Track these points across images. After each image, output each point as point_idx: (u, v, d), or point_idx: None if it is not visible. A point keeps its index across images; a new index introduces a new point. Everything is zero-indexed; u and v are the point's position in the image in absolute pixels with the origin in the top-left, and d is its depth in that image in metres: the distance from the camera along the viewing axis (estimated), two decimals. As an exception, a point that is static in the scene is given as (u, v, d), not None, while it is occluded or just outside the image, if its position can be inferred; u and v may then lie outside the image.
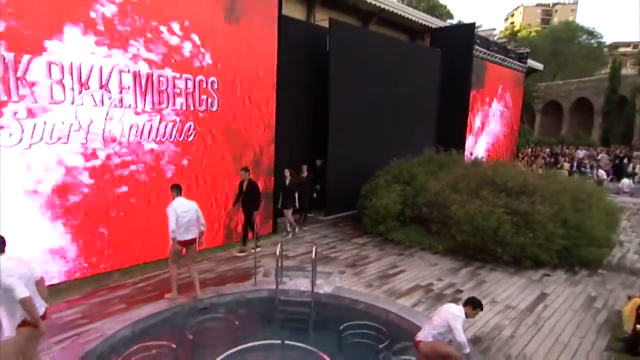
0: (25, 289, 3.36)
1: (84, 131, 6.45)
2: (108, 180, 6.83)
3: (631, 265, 8.80)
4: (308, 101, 11.54)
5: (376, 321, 5.94)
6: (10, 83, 5.66)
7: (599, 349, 5.31)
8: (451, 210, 8.93)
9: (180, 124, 7.74)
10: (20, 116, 5.78)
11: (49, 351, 4.64)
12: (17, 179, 5.84)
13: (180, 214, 5.98)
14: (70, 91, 6.23)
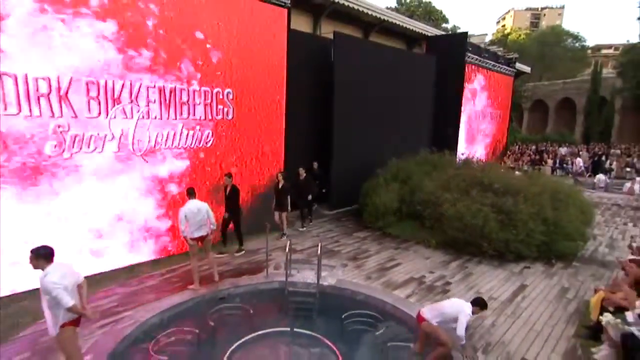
0: (69, 298, 3.65)
1: (117, 141, 6.74)
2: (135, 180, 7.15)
3: (602, 258, 8.96)
4: (314, 107, 11.67)
5: (374, 310, 6.17)
6: (55, 100, 5.95)
7: (568, 336, 5.55)
8: (443, 208, 9.10)
9: (199, 132, 8.01)
10: (63, 130, 6.07)
11: (91, 335, 4.96)
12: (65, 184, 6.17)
13: (192, 215, 6.28)
14: (105, 106, 6.52)
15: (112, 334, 5.14)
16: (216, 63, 8.01)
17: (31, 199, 5.89)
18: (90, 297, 5.36)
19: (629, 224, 12.04)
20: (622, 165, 20.50)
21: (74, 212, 6.37)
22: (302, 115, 10.92)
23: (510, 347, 5.17)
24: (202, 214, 6.37)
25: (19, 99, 5.59)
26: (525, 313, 6.16)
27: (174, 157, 7.60)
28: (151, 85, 7.06)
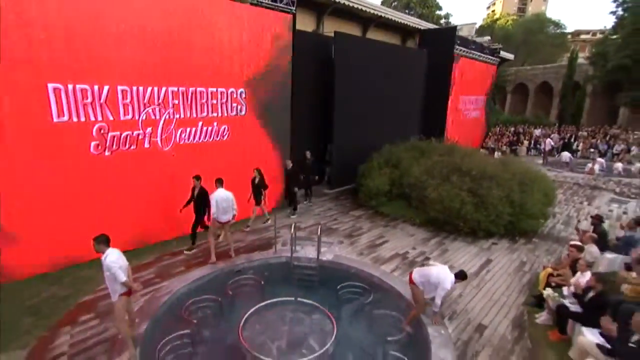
0: (123, 275, 4.21)
1: (147, 138, 7.06)
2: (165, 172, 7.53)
3: (557, 234, 9.30)
4: (317, 97, 11.82)
5: (364, 282, 6.62)
6: (97, 108, 6.24)
7: (518, 304, 6.04)
8: (427, 192, 9.41)
9: (217, 127, 8.28)
10: (103, 131, 6.39)
11: (136, 302, 5.47)
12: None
13: (221, 201, 6.71)
14: (137, 109, 6.80)
15: (152, 301, 5.68)
16: (230, 67, 8.15)
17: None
18: (133, 270, 5.89)
19: (585, 202, 12.22)
20: (587, 146, 20.52)
21: (119, 199, 6.83)
22: (306, 106, 11.11)
23: (471, 315, 5.67)
24: (229, 202, 6.78)
25: (69, 106, 5.90)
26: (488, 285, 6.63)
27: (196, 149, 7.93)
28: (175, 89, 7.28)
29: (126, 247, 6.11)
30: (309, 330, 5.35)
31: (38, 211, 5.97)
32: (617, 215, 10.69)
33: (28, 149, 5.69)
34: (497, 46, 20.51)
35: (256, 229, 8.78)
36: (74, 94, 5.93)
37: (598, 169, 16.22)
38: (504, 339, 5.13)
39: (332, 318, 5.40)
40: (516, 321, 5.57)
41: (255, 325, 5.36)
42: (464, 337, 5.12)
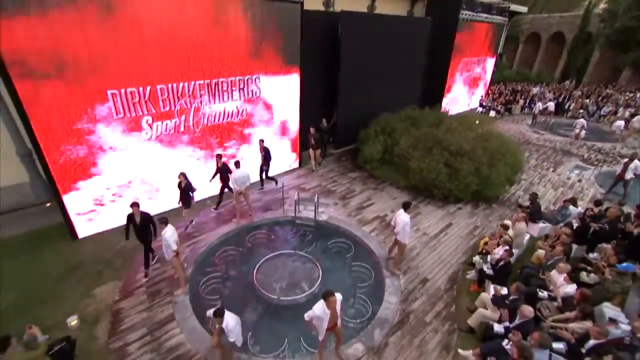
0: (175, 245, 5.75)
1: (182, 125, 8.22)
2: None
3: (514, 200, 10.12)
4: (325, 69, 12.23)
5: (348, 240, 8.07)
6: (143, 104, 7.36)
7: (459, 263, 7.37)
8: (410, 163, 10.35)
9: (237, 109, 9.27)
10: (149, 122, 7.59)
11: (183, 253, 7.11)
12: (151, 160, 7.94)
13: (239, 178, 7.97)
14: (173, 101, 7.87)
15: (194, 252, 7.36)
16: (245, 57, 8.85)
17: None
18: (179, 224, 7.54)
19: (551, 169, 12.52)
20: (578, 106, 20.10)
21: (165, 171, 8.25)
22: (316, 78, 11.71)
23: (420, 270, 7.11)
24: (245, 178, 8.06)
25: (123, 107, 7.06)
26: (442, 246, 7.94)
27: (221, 128, 9.07)
28: (201, 82, 8.20)
29: (173, 205, 7.73)
30: (303, 276, 6.94)
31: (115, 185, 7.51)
32: (572, 182, 11.46)
33: (102, 141, 7.04)
34: (505, 5, 19.34)
35: (270, 190, 10.12)
36: (126, 96, 7.04)
37: (584, 134, 15.96)
38: (439, 290, 6.62)
39: (319, 267, 6.98)
40: (452, 276, 7.00)
41: (265, 270, 7.02)
42: (410, 287, 6.64)
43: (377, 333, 5.60)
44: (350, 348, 5.29)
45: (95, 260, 6.84)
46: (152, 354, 5.08)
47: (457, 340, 5.56)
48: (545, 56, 33.81)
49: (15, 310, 5.60)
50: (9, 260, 6.69)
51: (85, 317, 5.59)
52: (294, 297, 6.29)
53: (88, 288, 6.18)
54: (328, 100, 12.84)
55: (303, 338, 5.62)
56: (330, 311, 4.36)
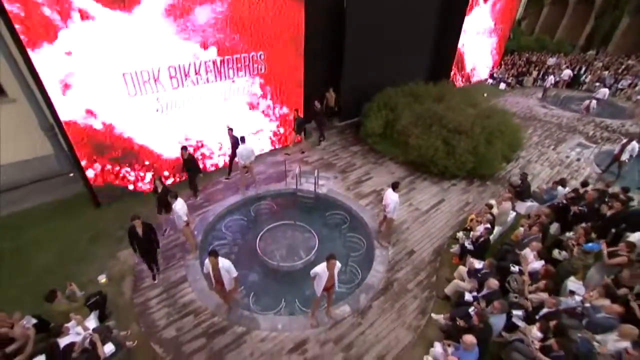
0: (185, 216, 6.49)
1: (190, 101, 8.73)
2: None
3: (509, 179, 10.26)
4: (331, 40, 12.11)
5: (345, 212, 8.77)
6: (152, 83, 7.86)
7: (446, 237, 8.02)
8: (410, 139, 10.72)
9: (242, 85, 9.66)
10: (160, 98, 8.14)
11: (193, 222, 7.95)
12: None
13: (244, 152, 8.56)
14: (181, 80, 8.33)
15: (204, 220, 8.17)
16: (249, 36, 9.08)
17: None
18: (188, 196, 8.32)
19: (552, 147, 12.61)
20: (594, 79, 19.56)
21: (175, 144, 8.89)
22: (319, 51, 11.61)
23: (408, 243, 7.82)
24: (249, 152, 8.64)
25: (134, 86, 7.58)
26: (431, 221, 8.57)
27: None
28: (207, 60, 8.57)
29: (182, 178, 8.48)
30: (301, 245, 7.74)
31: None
32: (570, 161, 11.72)
33: (121, 116, 7.67)
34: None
35: (275, 162, 10.69)
36: (137, 77, 7.53)
37: (594, 107, 15.66)
38: (423, 261, 7.36)
39: (317, 237, 7.74)
40: (437, 249, 7.70)
41: (267, 239, 7.83)
42: (397, 258, 7.38)
43: (362, 297, 6.43)
44: (338, 309, 6.15)
45: (117, 226, 7.71)
46: (169, 309, 6.03)
47: (433, 305, 6.36)
48: (570, 20, 31.95)
49: (55, 269, 6.57)
50: (43, 225, 7.63)
51: (112, 275, 6.54)
52: (292, 263, 7.11)
53: (112, 251, 7.11)
54: (333, 72, 12.94)
55: (298, 300, 6.50)
56: (329, 272, 5.14)
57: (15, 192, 8.60)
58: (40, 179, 9.06)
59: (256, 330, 5.73)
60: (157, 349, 5.39)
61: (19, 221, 7.75)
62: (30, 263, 6.72)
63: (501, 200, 7.98)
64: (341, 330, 5.82)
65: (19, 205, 8.19)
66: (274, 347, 5.49)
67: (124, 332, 5.39)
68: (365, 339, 5.71)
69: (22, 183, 8.83)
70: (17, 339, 4.49)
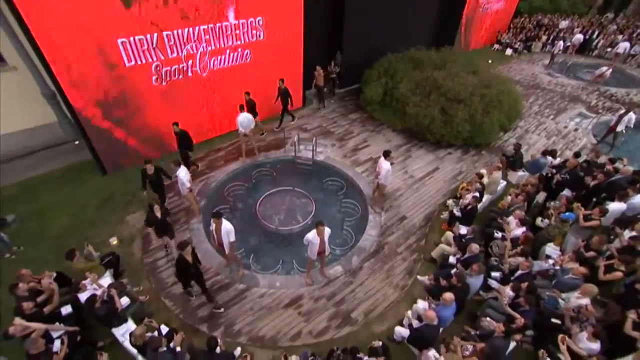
0: (188, 183, 6.87)
1: (189, 69, 8.82)
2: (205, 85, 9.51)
3: (504, 148, 10.51)
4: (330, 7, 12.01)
5: (342, 179, 9.14)
6: (152, 52, 7.93)
7: (437, 204, 8.42)
8: (408, 107, 10.82)
9: (241, 52, 9.66)
10: (158, 66, 8.24)
11: (196, 187, 8.37)
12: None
13: (243, 120, 8.78)
14: (179, 47, 8.37)
15: (206, 186, 8.59)
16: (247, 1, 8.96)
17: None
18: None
19: (551, 116, 12.58)
20: (607, 43, 18.94)
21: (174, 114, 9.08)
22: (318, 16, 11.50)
23: (401, 209, 8.25)
24: (249, 121, 8.85)
25: (133, 54, 7.68)
26: (424, 188, 8.93)
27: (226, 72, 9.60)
28: (205, 27, 8.54)
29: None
30: (299, 210, 8.20)
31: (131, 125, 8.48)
32: (568, 131, 11.83)
33: (115, 87, 7.82)
34: None
35: (273, 130, 10.89)
36: (135, 44, 7.60)
37: (607, 77, 15.16)
38: (414, 226, 7.83)
39: (314, 202, 8.18)
40: (429, 216, 8.14)
41: (266, 204, 8.28)
42: (388, 223, 7.85)
43: (354, 259, 6.97)
44: (331, 269, 6.71)
45: (124, 192, 8.16)
46: (177, 266, 6.60)
47: (420, 267, 6.91)
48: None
49: (71, 232, 7.11)
50: (55, 191, 8.09)
51: (122, 238, 7.07)
52: (290, 227, 7.60)
53: (121, 215, 7.60)
54: (334, 38, 12.76)
55: (295, 260, 7.06)
56: (320, 237, 5.59)
57: (29, 159, 8.98)
58: (49, 146, 9.40)
59: (256, 288, 6.33)
60: (167, 303, 6.02)
61: (35, 186, 8.21)
62: (49, 226, 7.25)
63: (491, 169, 8.27)
64: (334, 288, 6.41)
65: (35, 171, 8.61)
66: (272, 302, 6.11)
67: (136, 288, 5.99)
68: (355, 296, 6.31)
69: (32, 150, 9.18)
70: (44, 292, 5.07)
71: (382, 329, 5.85)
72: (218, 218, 5.60)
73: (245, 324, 5.79)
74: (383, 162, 7.43)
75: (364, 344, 5.40)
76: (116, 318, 5.06)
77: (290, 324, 5.83)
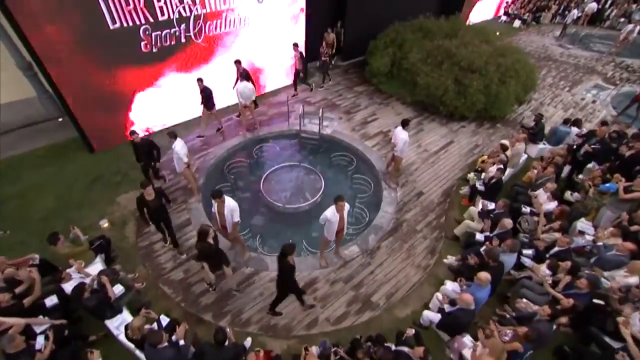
0: (185, 157, 6.13)
1: (182, 34, 7.90)
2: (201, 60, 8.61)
3: (521, 121, 9.99)
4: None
5: (351, 153, 8.44)
6: (139, 12, 7.00)
7: (455, 179, 7.79)
8: (419, 78, 10.01)
9: (239, 16, 8.70)
10: (147, 30, 7.32)
11: (194, 164, 7.59)
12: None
13: (244, 90, 7.97)
14: (170, 9, 7.42)
15: (204, 163, 7.83)
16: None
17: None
18: (188, 137, 7.91)
19: (566, 88, 11.97)
20: (620, 13, 18.05)
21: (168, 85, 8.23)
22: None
23: (417, 184, 7.60)
24: (250, 91, 8.03)
25: (118, 15, 6.75)
26: (440, 162, 8.28)
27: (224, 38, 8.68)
28: (199, -13, 7.59)
29: (181, 119, 7.99)
30: (307, 186, 7.51)
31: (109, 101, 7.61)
32: (585, 103, 11.17)
33: (99, 54, 6.91)
34: None
35: (275, 102, 10.10)
36: (120, 3, 6.66)
37: (633, 38, 14.39)
38: (432, 202, 7.20)
39: (322, 179, 7.49)
40: (447, 191, 7.51)
41: (271, 180, 7.57)
42: (405, 200, 7.21)
43: (371, 238, 6.35)
44: (347, 249, 6.09)
45: (114, 171, 7.38)
46: (175, 251, 5.93)
47: (442, 246, 6.31)
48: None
49: (55, 214, 6.35)
50: (37, 170, 7.28)
51: (114, 220, 6.35)
52: (298, 205, 6.93)
53: (112, 196, 6.84)
54: (337, 8, 11.77)
55: (305, 241, 6.42)
56: (339, 214, 4.92)
57: (9, 136, 8.11)
58: (31, 123, 8.50)
59: (264, 272, 5.70)
60: (166, 290, 5.37)
61: (16, 166, 7.38)
62: (32, 208, 6.49)
63: (514, 140, 7.60)
64: (350, 270, 5.80)
65: (15, 149, 7.76)
66: (284, 287, 5.48)
67: (131, 275, 5.32)
68: (374, 278, 5.71)
69: (11, 127, 8.30)
70: (24, 281, 4.38)
71: (407, 313, 5.28)
72: (220, 197, 4.91)
73: (255, 312, 5.18)
74: (400, 131, 6.72)
75: (388, 330, 4.86)
76: (109, 308, 4.41)
77: (305, 310, 5.23)
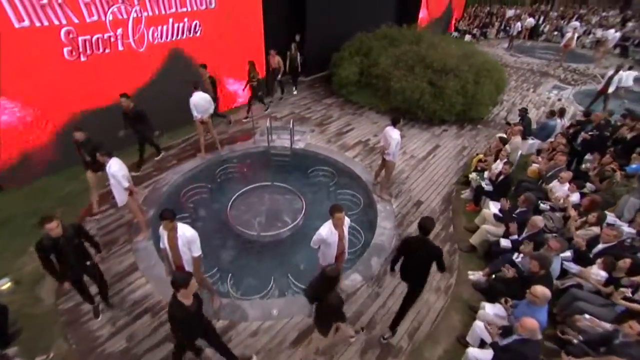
0: (126, 181, 4.59)
1: (120, 40, 6.51)
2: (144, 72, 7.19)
3: (498, 121, 9.67)
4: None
5: (330, 167, 7.27)
6: (57, 10, 5.56)
7: (451, 183, 6.88)
8: (392, 83, 9.31)
9: (188, 23, 7.54)
10: (71, 33, 5.85)
11: (142, 194, 5.99)
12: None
13: (198, 101, 6.64)
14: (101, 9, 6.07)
15: (155, 192, 6.22)
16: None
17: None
18: (131, 165, 6.27)
19: (531, 89, 12.18)
20: (552, 28, 19.44)
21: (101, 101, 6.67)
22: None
23: (413, 193, 6.53)
24: (206, 103, 6.72)
25: (26, 10, 5.26)
26: (431, 168, 7.36)
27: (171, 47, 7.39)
28: (137, -18, 6.37)
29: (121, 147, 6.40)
30: (284, 208, 6.15)
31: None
32: (552, 101, 11.11)
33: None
34: None
35: (237, 120, 8.82)
36: (29, -5, 5.22)
37: (575, 43, 15.25)
38: (434, 211, 6.10)
39: (302, 197, 6.17)
40: (446, 197, 6.50)
41: (240, 206, 6.12)
42: (403, 211, 6.06)
43: (374, 261, 5.03)
44: (347, 279, 4.71)
45: (30, 211, 5.53)
46: (114, 311, 4.20)
47: (459, 260, 5.14)
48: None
49: None
50: None
51: (21, 278, 4.50)
52: (276, 231, 5.51)
53: (23, 245, 4.97)
54: (295, 22, 11.03)
55: (291, 275, 4.96)
56: (338, 231, 3.65)
57: None
58: None
59: (244, 322, 4.13)
60: (100, 370, 3.62)
61: None
62: None
63: (510, 134, 6.89)
64: (356, 306, 4.40)
65: None
66: (272, 341, 3.94)
67: (39, 358, 3.52)
68: (388, 311, 4.35)
69: None
70: None
71: (439, 353, 3.94)
72: (170, 220, 3.41)
73: (235, 386, 3.56)
74: (391, 130, 5.69)
75: (423, 385, 3.45)
76: None
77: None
